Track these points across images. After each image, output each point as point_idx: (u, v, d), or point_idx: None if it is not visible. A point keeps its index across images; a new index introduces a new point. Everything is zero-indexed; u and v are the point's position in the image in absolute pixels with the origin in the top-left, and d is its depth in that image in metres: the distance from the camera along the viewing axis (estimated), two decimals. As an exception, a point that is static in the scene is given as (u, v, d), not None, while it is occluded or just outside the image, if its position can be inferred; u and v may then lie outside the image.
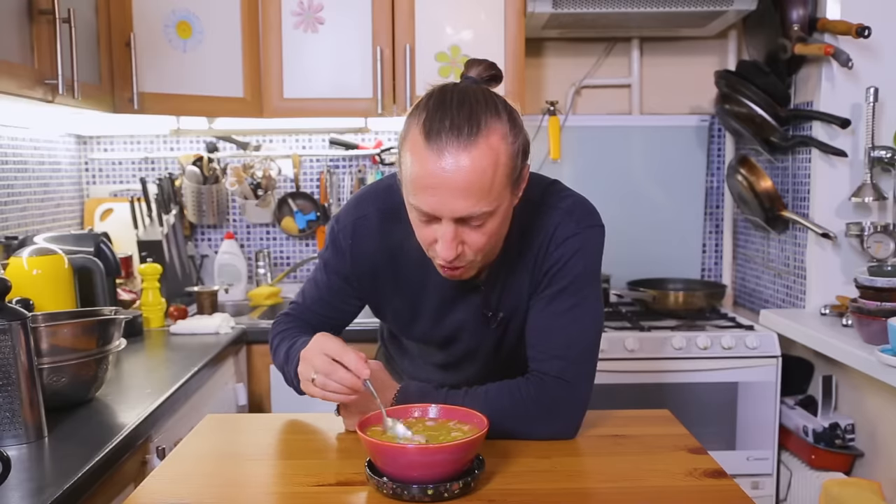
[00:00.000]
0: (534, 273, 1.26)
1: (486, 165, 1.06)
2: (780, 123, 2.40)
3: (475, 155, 1.05)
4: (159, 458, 1.50)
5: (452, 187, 1.06)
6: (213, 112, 2.50)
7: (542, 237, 1.24)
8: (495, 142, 1.07)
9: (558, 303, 1.23)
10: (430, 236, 1.13)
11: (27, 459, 1.23)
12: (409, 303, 1.33)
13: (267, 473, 1.14)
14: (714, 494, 1.05)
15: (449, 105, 1.08)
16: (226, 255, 2.77)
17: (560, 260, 1.23)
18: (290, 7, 2.48)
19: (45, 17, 1.70)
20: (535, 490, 1.05)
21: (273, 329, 1.42)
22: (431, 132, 1.06)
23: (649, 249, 2.86)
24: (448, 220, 1.09)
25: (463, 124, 1.06)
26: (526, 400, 1.22)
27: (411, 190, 1.10)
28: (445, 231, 1.10)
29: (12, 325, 1.27)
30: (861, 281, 1.99)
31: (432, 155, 1.06)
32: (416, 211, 1.12)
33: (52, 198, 2.58)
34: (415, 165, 1.08)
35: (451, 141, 1.05)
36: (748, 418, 2.34)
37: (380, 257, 1.31)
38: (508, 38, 2.49)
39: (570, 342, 1.23)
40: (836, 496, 1.94)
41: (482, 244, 1.13)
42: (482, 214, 1.09)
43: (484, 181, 1.06)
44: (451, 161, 1.05)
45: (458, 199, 1.07)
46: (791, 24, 2.31)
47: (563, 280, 1.23)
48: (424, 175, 1.07)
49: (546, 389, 1.22)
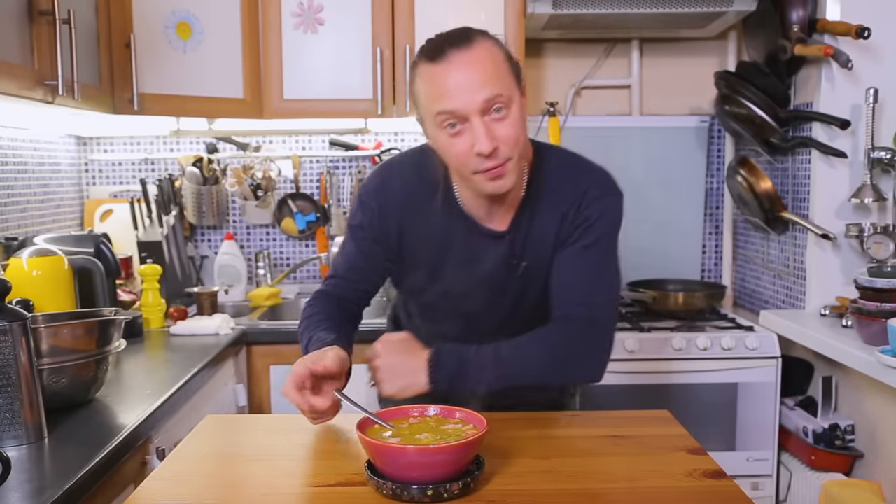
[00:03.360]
0: (562, 227, 1.34)
1: (487, 56, 1.22)
2: (779, 124, 2.40)
3: (475, 51, 1.22)
4: (159, 459, 1.50)
5: (468, 80, 1.20)
6: (213, 113, 2.50)
7: (572, 195, 1.34)
8: (488, 45, 1.24)
9: (586, 256, 1.33)
10: (465, 145, 1.22)
11: (27, 460, 1.23)
12: (435, 255, 1.39)
13: (267, 474, 1.14)
14: (714, 495, 1.05)
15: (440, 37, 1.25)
16: (226, 255, 2.77)
17: (590, 218, 1.33)
18: (290, 8, 2.48)
19: (45, 18, 1.70)
20: (535, 490, 1.05)
21: (303, 312, 1.45)
22: (434, 53, 1.22)
23: (649, 250, 2.86)
24: (475, 116, 1.20)
25: (458, 36, 1.23)
26: (556, 345, 1.30)
27: (434, 104, 1.22)
28: (476, 126, 1.21)
29: (12, 326, 1.27)
30: (861, 282, 1.99)
31: (441, 65, 1.21)
32: (445, 120, 1.22)
33: (52, 199, 2.58)
34: (430, 83, 1.23)
35: (452, 50, 1.21)
36: (748, 419, 2.34)
37: (406, 212, 1.38)
38: (508, 38, 2.48)
39: (596, 292, 1.33)
40: (836, 497, 1.94)
41: (512, 135, 1.22)
42: (500, 99, 1.21)
43: (490, 67, 1.21)
44: (459, 62, 1.20)
45: (475, 88, 1.19)
46: (791, 24, 2.31)
47: (590, 236, 1.33)
48: (442, 82, 1.21)
49: (575, 333, 1.30)
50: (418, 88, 1.26)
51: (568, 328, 1.31)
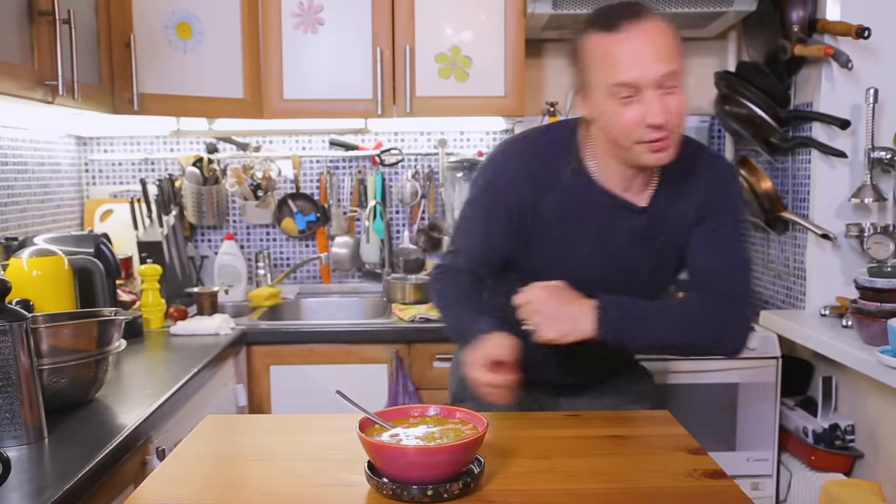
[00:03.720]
0: (703, 206, 1.41)
1: (663, 30, 1.27)
2: (779, 124, 2.39)
3: (652, 24, 1.26)
4: (159, 459, 1.50)
5: (645, 52, 1.24)
6: (213, 113, 2.50)
7: (710, 176, 1.42)
8: (659, 19, 1.28)
9: (724, 233, 1.41)
10: (636, 115, 1.26)
11: (27, 460, 1.23)
12: (570, 230, 1.42)
13: (267, 474, 1.14)
14: (714, 495, 1.05)
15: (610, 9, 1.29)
16: (226, 255, 2.77)
17: (726, 200, 1.42)
18: (290, 8, 2.48)
19: (45, 18, 1.70)
20: (535, 490, 1.05)
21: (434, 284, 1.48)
22: (609, 24, 1.26)
23: (649, 250, 2.86)
24: (650, 88, 1.25)
25: (629, 12, 1.27)
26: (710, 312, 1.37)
27: (609, 75, 1.26)
28: (651, 98, 1.25)
29: (12, 326, 1.27)
30: (861, 282, 1.98)
31: (620, 36, 1.25)
32: (619, 90, 1.26)
33: (52, 199, 2.58)
34: (607, 52, 1.26)
35: (628, 23, 1.25)
36: (748, 419, 2.34)
37: (540, 187, 1.40)
38: (508, 38, 2.49)
39: (736, 269, 1.41)
40: (836, 497, 1.94)
41: (681, 109, 1.28)
42: (674, 74, 1.26)
43: (667, 41, 1.26)
44: (638, 34, 1.25)
45: (655, 61, 1.24)
46: (791, 25, 2.30)
47: (726, 216, 1.41)
48: (620, 52, 1.25)
49: (725, 306, 1.37)
50: (592, 55, 1.29)
51: (716, 300, 1.37)
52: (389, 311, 2.55)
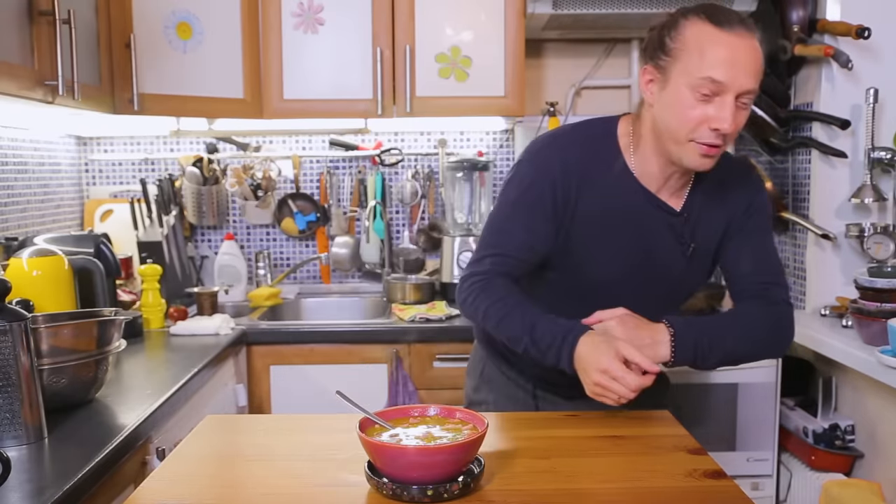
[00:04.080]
0: (735, 216, 1.44)
1: (758, 50, 1.28)
2: (779, 124, 2.39)
3: (754, 40, 1.27)
4: (159, 459, 1.50)
5: (747, 61, 1.26)
6: (213, 113, 2.50)
7: (744, 185, 1.45)
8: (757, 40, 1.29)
9: (761, 240, 1.46)
10: (701, 115, 1.27)
11: (27, 460, 1.23)
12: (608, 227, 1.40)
13: (267, 474, 1.14)
14: (714, 495, 1.05)
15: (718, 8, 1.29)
16: (226, 255, 2.77)
17: (758, 207, 1.45)
18: (290, 8, 2.48)
19: (45, 18, 1.70)
20: (535, 490, 1.05)
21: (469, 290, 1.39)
22: (720, 21, 1.26)
23: (649, 250, 2.85)
24: (731, 95, 1.26)
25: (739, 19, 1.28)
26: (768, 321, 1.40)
27: (707, 67, 1.25)
28: (728, 105, 1.26)
29: (12, 326, 1.27)
30: (861, 282, 1.98)
31: (730, 37, 1.25)
32: (704, 85, 1.25)
33: (52, 199, 2.58)
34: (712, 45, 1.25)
35: (741, 28, 1.26)
36: (748, 419, 2.34)
37: (583, 182, 1.39)
38: (508, 39, 2.49)
39: (780, 271, 1.47)
40: (836, 497, 1.94)
41: (741, 124, 1.30)
42: (752, 92, 1.28)
43: (761, 64, 1.28)
44: (747, 40, 1.26)
45: (747, 73, 1.26)
46: (791, 25, 2.31)
47: (762, 223, 1.46)
48: (726, 50, 1.25)
49: (780, 311, 1.42)
50: (685, 41, 1.28)
51: (771, 307, 1.41)
52: (389, 312, 2.55)
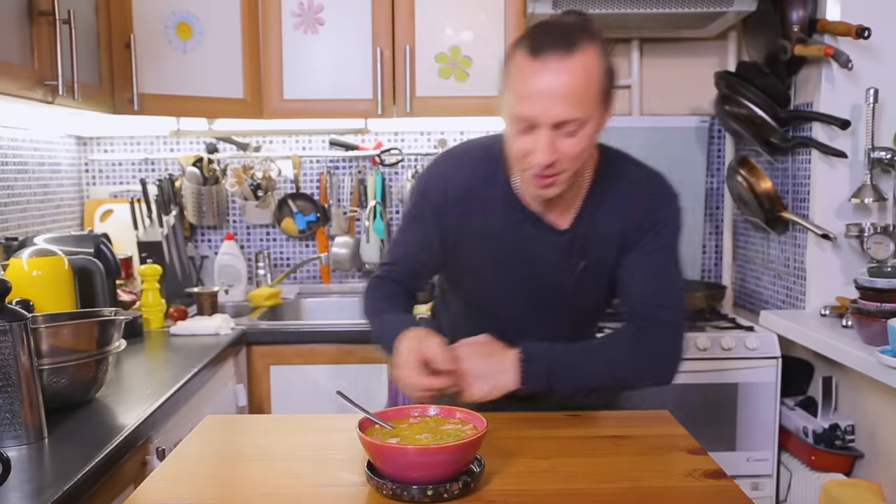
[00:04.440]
0: (629, 230, 1.36)
1: (581, 76, 1.19)
2: (779, 124, 2.39)
3: (573, 65, 1.18)
4: (159, 459, 1.50)
5: (554, 94, 1.18)
6: (213, 113, 2.50)
7: (640, 198, 1.37)
8: (590, 58, 1.20)
9: (658, 258, 1.36)
10: (526, 146, 1.23)
11: (27, 460, 1.23)
12: (494, 244, 1.39)
13: (267, 474, 1.14)
14: (714, 495, 1.05)
15: (549, 27, 1.24)
16: (226, 255, 2.77)
17: (659, 222, 1.37)
18: (290, 8, 2.48)
19: (45, 18, 1.70)
20: (535, 490, 1.05)
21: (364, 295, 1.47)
22: (535, 47, 1.20)
23: (649, 250, 2.86)
24: (546, 127, 1.20)
25: (562, 40, 1.20)
26: (639, 347, 1.32)
27: (514, 101, 1.22)
28: (542, 136, 1.21)
29: (12, 326, 1.27)
30: (861, 282, 1.98)
31: (536, 65, 1.19)
32: (518, 120, 1.22)
33: (52, 199, 2.58)
34: (519, 78, 1.21)
35: (552, 53, 1.19)
36: (748, 419, 2.34)
37: (466, 202, 1.37)
38: (508, 38, 2.48)
39: (671, 294, 1.36)
40: (836, 497, 1.94)
41: (575, 152, 1.23)
42: (576, 121, 1.20)
43: (580, 89, 1.19)
44: (553, 70, 1.18)
45: (557, 104, 1.19)
46: (791, 25, 2.30)
47: (662, 240, 1.37)
48: (529, 84, 1.20)
49: (657, 335, 1.32)
50: (510, 72, 1.25)
51: (650, 330, 1.33)
52: (389, 311, 2.55)
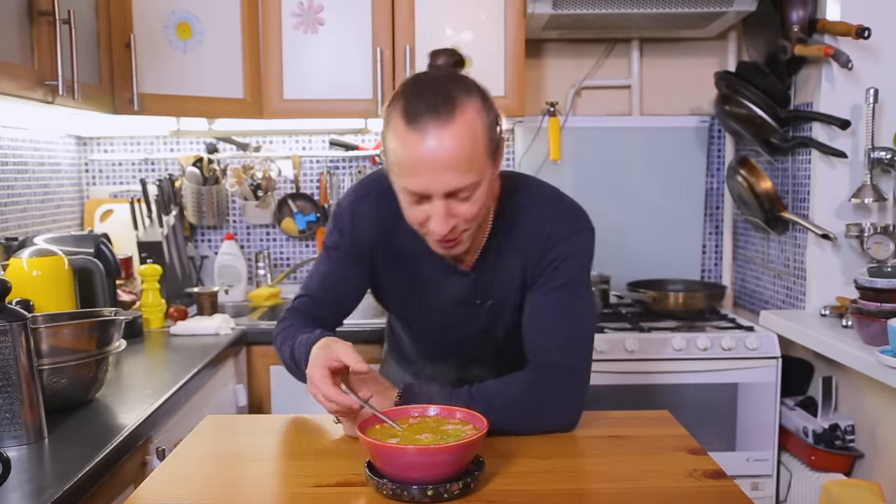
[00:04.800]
0: (528, 267, 1.30)
1: (466, 139, 1.12)
2: (779, 124, 2.40)
3: (455, 131, 1.11)
4: (159, 459, 1.50)
5: (439, 165, 1.12)
6: (213, 113, 2.50)
7: (538, 233, 1.29)
8: (471, 116, 1.13)
9: (557, 297, 1.28)
10: (422, 216, 1.18)
11: (27, 460, 1.23)
12: (405, 282, 1.38)
13: (267, 474, 1.14)
14: (714, 495, 1.05)
15: (424, 89, 1.15)
16: (226, 256, 2.77)
17: (559, 257, 1.28)
18: (290, 8, 2.48)
19: (45, 18, 1.70)
20: (535, 491, 1.05)
21: (276, 328, 1.43)
22: (411, 115, 1.12)
23: (649, 250, 2.86)
24: (438, 197, 1.15)
25: (439, 104, 1.12)
26: (533, 391, 1.25)
27: (399, 173, 1.16)
28: (437, 207, 1.16)
29: (12, 326, 1.27)
30: (861, 282, 1.98)
31: (415, 136, 1.11)
32: (407, 193, 1.17)
33: (52, 199, 2.58)
34: (400, 149, 1.14)
35: (430, 121, 1.11)
36: (748, 419, 2.34)
37: (379, 238, 1.35)
38: (508, 39, 2.49)
39: (571, 335, 1.28)
40: (835, 497, 1.94)
41: (473, 214, 1.18)
42: (469, 186, 1.14)
43: (466, 154, 1.12)
44: (434, 140, 1.11)
45: (445, 174, 1.12)
46: (791, 25, 2.31)
47: (561, 277, 1.28)
48: (411, 157, 1.12)
49: (552, 380, 1.25)
50: (389, 139, 1.16)
51: (545, 376, 1.25)
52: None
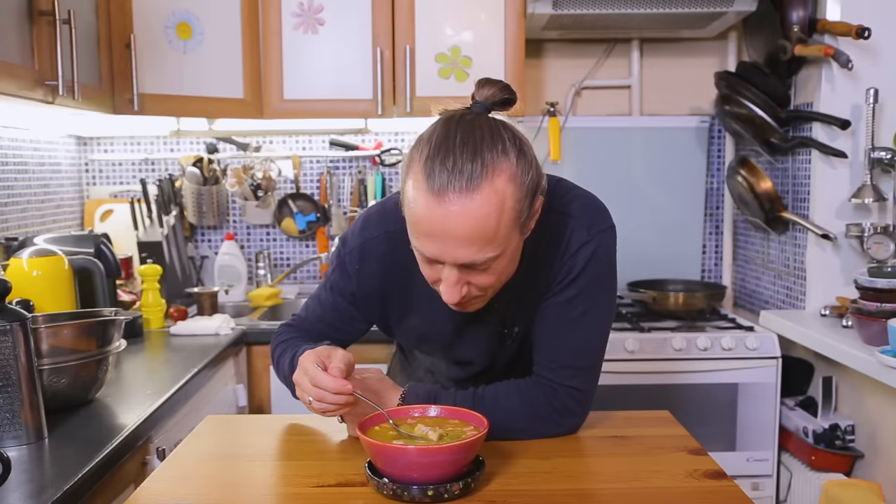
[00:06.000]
0: (546, 283, 1.22)
1: (490, 212, 0.99)
2: (780, 124, 2.40)
3: (479, 201, 0.98)
4: (159, 459, 1.50)
5: (455, 235, 1.00)
6: (214, 113, 2.50)
7: (556, 247, 1.19)
8: (501, 184, 1.00)
9: (569, 309, 1.21)
10: (434, 275, 1.10)
11: (27, 460, 1.23)
12: (422, 323, 1.29)
13: (267, 474, 1.14)
14: (714, 495, 1.05)
15: (452, 142, 1.00)
16: (226, 256, 2.77)
17: (574, 269, 1.19)
18: (291, 8, 2.48)
19: (46, 19, 1.70)
20: (536, 491, 1.05)
21: (274, 340, 1.38)
22: (433, 173, 0.99)
23: (649, 250, 2.86)
24: (450, 267, 1.05)
25: (466, 166, 0.98)
26: (536, 405, 1.22)
27: (413, 232, 1.06)
28: (448, 275, 1.06)
29: (12, 327, 1.26)
30: (861, 282, 1.98)
31: (433, 199, 0.99)
32: (418, 251, 1.08)
33: (52, 199, 2.58)
34: (416, 208, 1.02)
35: (453, 185, 0.98)
36: (748, 419, 2.34)
37: (390, 279, 1.25)
38: (508, 39, 2.49)
39: (580, 350, 1.23)
40: (836, 497, 1.94)
41: (489, 284, 1.09)
42: (487, 260, 1.03)
43: (488, 229, 1.00)
44: (454, 208, 0.98)
45: (460, 247, 1.01)
46: (791, 25, 2.31)
47: (574, 288, 1.20)
48: (426, 220, 1.01)
49: (557, 397, 1.23)
50: (408, 188, 1.04)
51: (550, 393, 1.22)
52: (389, 312, 2.55)
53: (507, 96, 1.08)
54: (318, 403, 1.13)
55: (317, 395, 1.12)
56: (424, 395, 1.23)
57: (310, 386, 1.13)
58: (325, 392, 1.12)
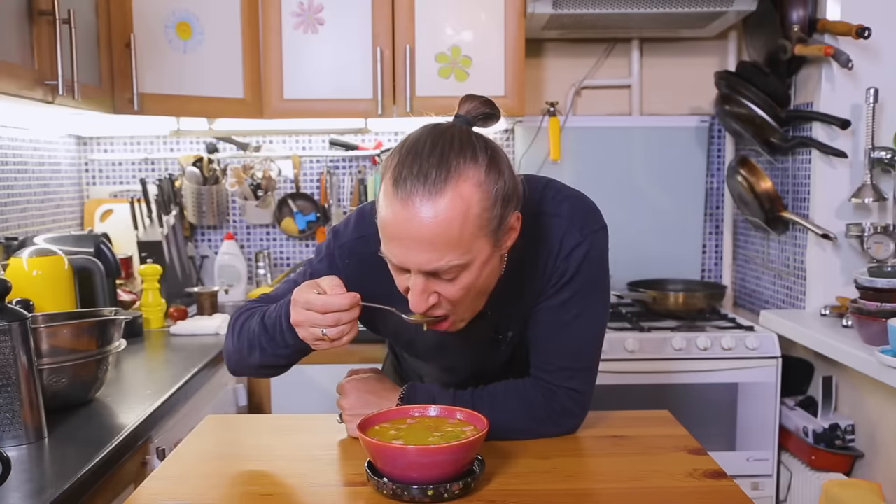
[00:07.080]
0: (540, 286, 1.20)
1: (453, 217, 0.99)
2: (780, 124, 2.40)
3: (442, 206, 0.98)
4: (159, 459, 1.50)
5: (417, 239, 0.99)
6: (213, 113, 2.50)
7: (548, 250, 1.18)
8: (467, 190, 0.99)
9: (563, 311, 1.20)
10: (403, 283, 1.08)
11: (27, 460, 1.23)
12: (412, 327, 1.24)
13: (267, 474, 1.14)
14: (714, 495, 1.05)
15: (421, 148, 1.01)
16: (226, 255, 2.77)
17: (567, 271, 1.18)
18: (290, 8, 2.48)
19: (45, 18, 1.70)
20: (536, 491, 1.05)
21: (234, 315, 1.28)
22: (401, 178, 1.00)
23: (649, 250, 2.86)
24: (416, 274, 1.03)
25: (431, 170, 0.99)
26: (535, 406, 1.22)
27: (381, 236, 1.05)
28: (415, 283, 1.04)
29: (12, 326, 1.27)
30: (861, 282, 1.98)
31: (398, 203, 0.99)
32: (387, 257, 1.06)
33: (52, 198, 2.58)
34: (382, 210, 1.03)
35: (416, 188, 0.98)
36: (748, 419, 2.34)
37: (380, 279, 1.16)
38: (508, 38, 2.49)
39: (577, 351, 1.23)
40: (836, 497, 1.94)
41: (457, 297, 1.06)
42: (452, 268, 1.02)
43: (451, 233, 0.99)
44: (416, 211, 0.98)
45: (423, 251, 1.00)
46: (791, 24, 2.31)
47: (568, 290, 1.19)
48: (391, 224, 1.01)
49: (555, 398, 1.23)
50: (380, 193, 1.04)
51: (549, 394, 1.22)
52: (389, 311, 2.55)
53: (489, 111, 1.09)
54: (335, 329, 1.08)
55: (332, 319, 1.07)
56: (424, 394, 1.23)
57: (319, 316, 1.07)
58: (339, 314, 1.07)
